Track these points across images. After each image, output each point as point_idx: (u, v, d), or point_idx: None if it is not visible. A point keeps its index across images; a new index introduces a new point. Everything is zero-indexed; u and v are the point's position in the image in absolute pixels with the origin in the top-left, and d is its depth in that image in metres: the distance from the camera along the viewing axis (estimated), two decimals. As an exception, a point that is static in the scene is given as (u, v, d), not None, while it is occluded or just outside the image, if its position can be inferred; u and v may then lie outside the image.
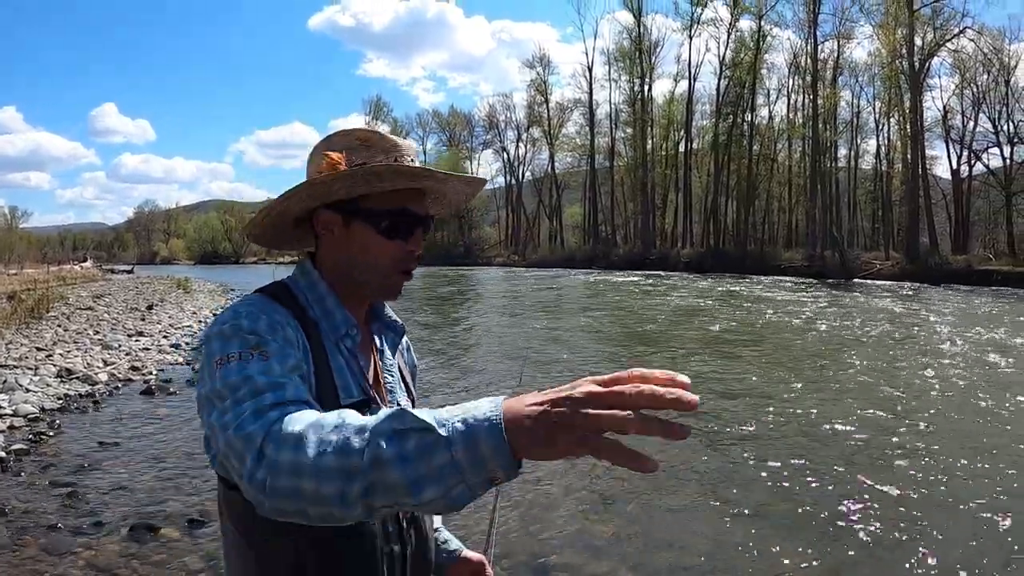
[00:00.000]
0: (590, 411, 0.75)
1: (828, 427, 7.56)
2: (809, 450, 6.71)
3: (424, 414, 0.80)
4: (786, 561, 4.42)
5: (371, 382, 1.31)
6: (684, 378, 0.78)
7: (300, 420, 0.89)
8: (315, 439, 0.85)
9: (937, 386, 9.71)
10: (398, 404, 1.37)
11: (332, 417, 0.87)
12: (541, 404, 0.77)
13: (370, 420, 0.84)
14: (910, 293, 30.01)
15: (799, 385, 9.80)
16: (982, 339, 14.39)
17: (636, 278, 42.70)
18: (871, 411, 8.22)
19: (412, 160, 1.31)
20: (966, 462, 6.30)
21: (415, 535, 1.31)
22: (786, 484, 5.80)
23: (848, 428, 7.47)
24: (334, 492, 0.82)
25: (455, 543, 1.60)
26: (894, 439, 7.05)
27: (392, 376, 1.41)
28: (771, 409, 8.41)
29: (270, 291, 1.26)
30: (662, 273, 50.19)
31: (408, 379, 1.47)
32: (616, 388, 0.76)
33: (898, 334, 15.66)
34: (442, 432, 0.78)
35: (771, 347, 13.86)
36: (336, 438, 0.83)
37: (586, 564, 4.43)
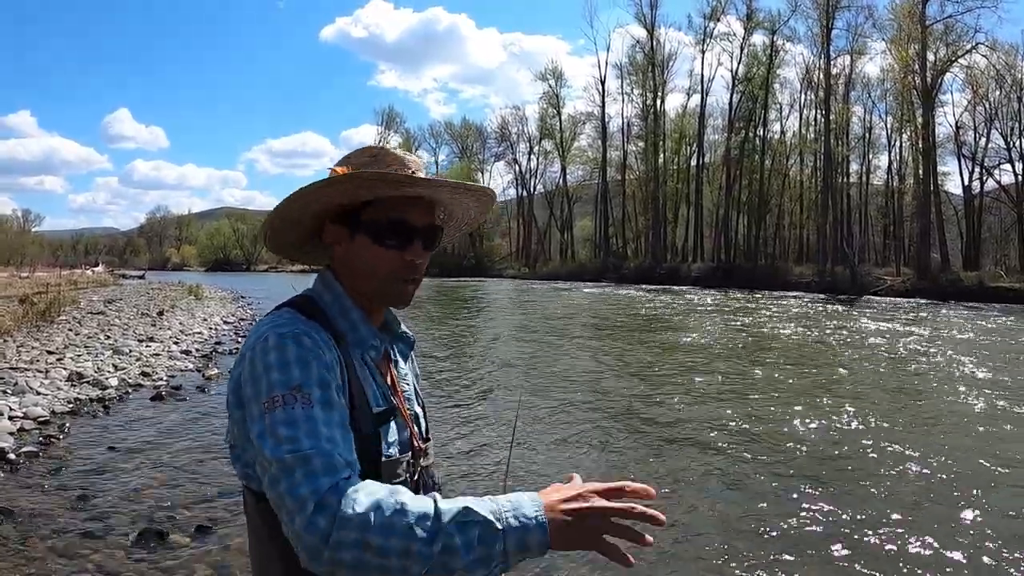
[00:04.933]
0: (607, 524, 1.02)
1: (836, 444, 7.53)
2: (817, 467, 6.68)
3: (482, 507, 0.99)
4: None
5: (391, 391, 1.36)
6: (652, 490, 1.13)
7: (360, 500, 0.99)
8: (379, 522, 0.97)
9: (950, 407, 9.65)
10: (414, 412, 1.43)
11: (390, 498, 1.00)
12: (573, 513, 1.01)
13: (430, 506, 1.00)
14: (922, 310, 29.85)
15: (807, 402, 9.76)
16: (994, 357, 14.29)
17: (645, 293, 42.65)
18: (883, 430, 8.17)
19: (415, 173, 1.32)
20: (977, 480, 6.25)
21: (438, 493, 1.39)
22: (792, 499, 5.76)
23: (858, 446, 7.43)
24: (397, 568, 0.97)
25: None
26: (906, 459, 7.00)
27: (408, 385, 1.45)
28: (778, 425, 8.37)
29: (298, 305, 1.29)
30: (672, 287, 50.12)
31: (418, 387, 1.52)
32: (620, 506, 1.04)
33: (909, 352, 15.57)
34: (499, 526, 0.98)
35: (778, 363, 13.80)
36: (400, 522, 0.97)
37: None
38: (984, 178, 53.81)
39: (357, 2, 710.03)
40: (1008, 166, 51.17)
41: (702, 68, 67.18)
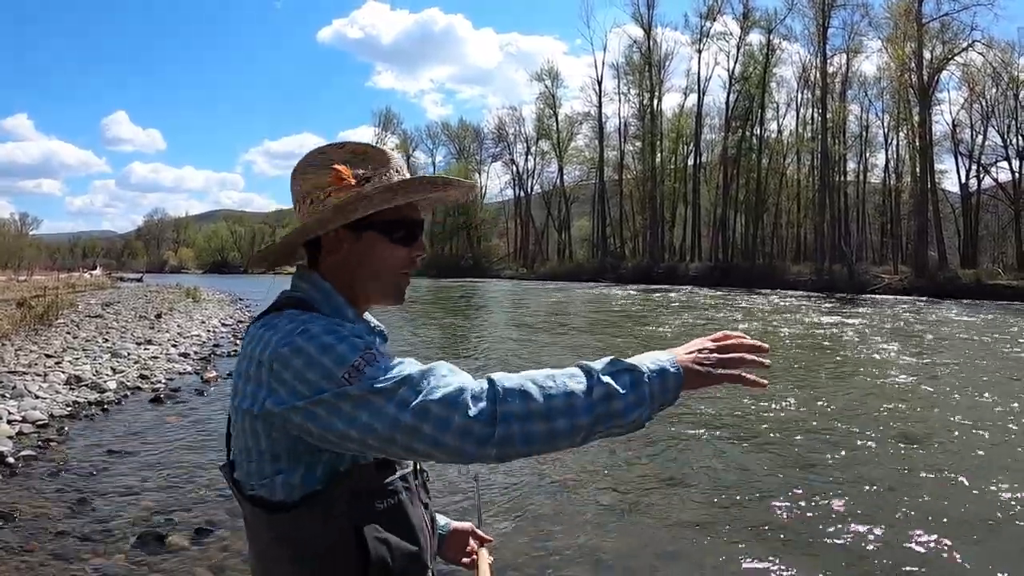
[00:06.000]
0: (722, 359, 1.16)
1: (840, 444, 7.53)
2: (821, 467, 6.68)
3: (624, 359, 1.12)
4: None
5: None
6: (765, 345, 1.20)
7: (507, 377, 1.09)
8: (536, 388, 1.06)
9: (948, 401, 9.67)
10: None
11: (533, 372, 1.11)
12: (697, 361, 1.15)
13: (572, 367, 1.11)
14: (919, 307, 29.89)
15: (811, 401, 9.76)
16: (993, 354, 14.32)
17: (642, 292, 42.66)
18: (885, 428, 8.18)
19: (403, 170, 1.35)
20: (977, 476, 6.26)
21: (429, 501, 1.39)
22: (797, 500, 5.76)
23: (863, 445, 7.44)
24: (564, 429, 1.06)
25: (443, 519, 1.70)
26: (909, 457, 7.01)
27: None
28: (782, 425, 8.38)
29: (296, 304, 1.27)
30: (670, 287, 50.16)
31: None
32: (731, 342, 1.18)
33: (908, 349, 15.58)
34: (644, 371, 1.10)
35: (779, 362, 13.81)
36: (557, 382, 1.07)
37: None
38: (981, 176, 54.02)
39: (353, 3, 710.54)
40: (1005, 163, 51.46)
41: (699, 67, 67.30)
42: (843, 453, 7.10)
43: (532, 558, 4.65)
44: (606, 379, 1.08)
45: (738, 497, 5.87)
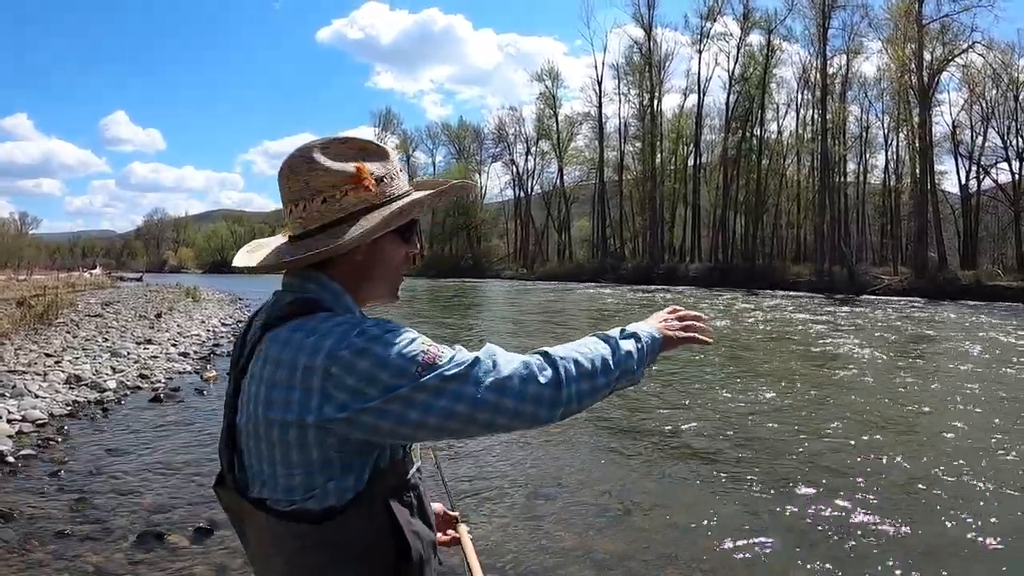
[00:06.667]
0: (682, 326, 1.46)
1: (836, 443, 7.54)
2: (818, 466, 6.67)
3: (627, 328, 1.38)
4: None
5: None
6: (703, 315, 1.50)
7: (556, 350, 1.25)
8: (580, 355, 1.25)
9: (947, 405, 9.66)
10: None
11: (566, 345, 1.30)
12: (667, 324, 1.44)
13: (594, 337, 1.33)
14: (919, 309, 29.88)
15: (807, 402, 9.77)
16: (993, 355, 14.31)
17: (641, 293, 42.65)
18: (880, 427, 8.19)
19: (398, 164, 1.37)
20: (975, 478, 6.26)
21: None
22: (797, 499, 5.77)
23: (856, 445, 7.44)
24: (603, 384, 1.26)
25: None
26: (902, 455, 7.01)
27: None
28: (778, 425, 8.38)
29: (311, 306, 1.23)
30: (670, 287, 50.15)
31: None
32: (682, 313, 1.49)
33: (908, 351, 15.60)
34: (643, 336, 1.36)
35: (777, 362, 13.81)
36: (591, 351, 1.27)
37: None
38: (981, 177, 53.98)
39: (353, 3, 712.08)
40: (1005, 165, 51.36)
41: (699, 68, 67.26)
42: (843, 452, 7.10)
43: (534, 556, 4.65)
44: (623, 344, 1.32)
45: (739, 501, 5.87)
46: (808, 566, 4.53)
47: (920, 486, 6.09)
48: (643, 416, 8.83)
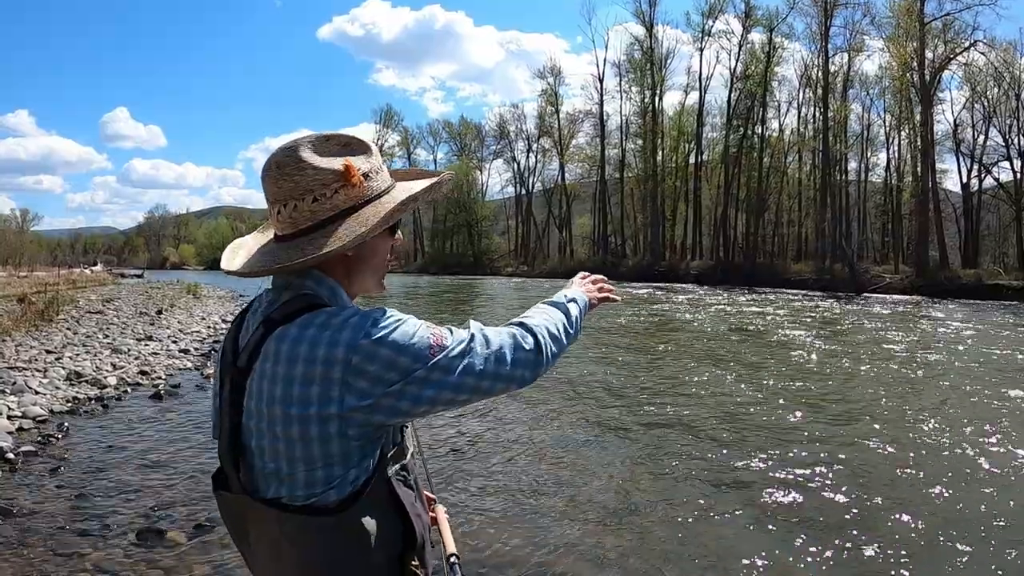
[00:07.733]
0: (597, 288, 1.72)
1: (837, 441, 7.53)
2: (817, 462, 6.67)
3: (567, 294, 1.60)
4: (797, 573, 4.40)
5: None
6: (604, 277, 1.77)
7: (526, 317, 1.45)
8: (548, 320, 1.44)
9: (948, 403, 9.67)
10: None
11: (529, 312, 1.50)
12: (587, 287, 1.69)
13: (546, 304, 1.55)
14: (920, 307, 29.86)
15: (807, 400, 9.77)
16: (993, 355, 14.31)
17: (642, 291, 42.62)
18: (882, 426, 8.19)
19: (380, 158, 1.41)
20: (976, 478, 6.26)
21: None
22: (794, 495, 5.77)
23: (858, 444, 7.44)
24: (567, 341, 1.47)
25: None
26: (903, 453, 7.01)
27: None
28: (778, 422, 8.38)
29: (317, 302, 1.24)
30: (671, 285, 50.12)
31: None
32: (593, 278, 1.75)
33: (908, 349, 15.59)
34: (579, 301, 1.59)
35: (778, 360, 13.81)
36: (552, 316, 1.47)
37: None
38: (982, 175, 53.92)
39: (354, 0, 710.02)
40: (1006, 163, 51.25)
41: (700, 66, 67.40)
42: (844, 450, 7.10)
43: (533, 554, 4.65)
44: (571, 308, 1.54)
45: (738, 497, 5.87)
46: (811, 561, 4.53)
47: (920, 485, 6.09)
48: (643, 415, 8.84)
